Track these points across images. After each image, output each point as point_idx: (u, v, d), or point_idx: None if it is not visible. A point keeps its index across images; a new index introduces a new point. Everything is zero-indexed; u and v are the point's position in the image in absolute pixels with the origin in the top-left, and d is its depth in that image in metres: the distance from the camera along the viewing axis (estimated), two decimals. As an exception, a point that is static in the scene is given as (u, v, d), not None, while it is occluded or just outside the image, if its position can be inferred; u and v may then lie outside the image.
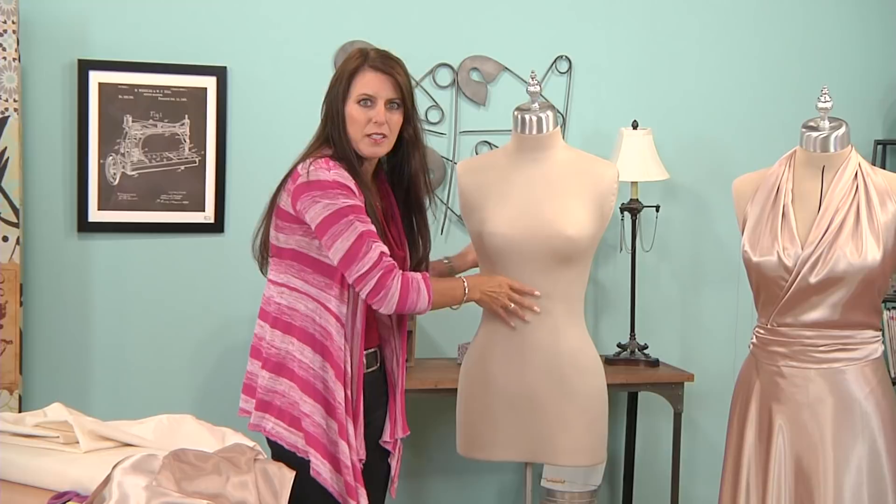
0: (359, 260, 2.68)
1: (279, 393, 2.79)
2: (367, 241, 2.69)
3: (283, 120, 4.19)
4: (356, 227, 2.68)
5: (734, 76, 4.64)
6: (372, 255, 2.69)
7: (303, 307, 2.78)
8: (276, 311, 2.81)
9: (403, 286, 2.73)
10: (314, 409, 2.74)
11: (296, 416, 2.76)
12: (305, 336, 2.77)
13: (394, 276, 2.72)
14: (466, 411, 3.23)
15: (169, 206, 4.09)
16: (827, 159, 3.02)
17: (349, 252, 2.68)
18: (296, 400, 2.76)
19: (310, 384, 2.75)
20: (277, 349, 2.80)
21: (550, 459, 3.21)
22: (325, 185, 2.69)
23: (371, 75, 2.81)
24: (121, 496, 2.08)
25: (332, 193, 2.68)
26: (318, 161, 2.73)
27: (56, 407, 2.56)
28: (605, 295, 4.57)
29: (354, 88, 2.81)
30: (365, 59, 2.83)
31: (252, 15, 4.17)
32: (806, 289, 2.95)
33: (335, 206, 2.67)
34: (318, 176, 2.70)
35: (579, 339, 3.17)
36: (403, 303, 2.75)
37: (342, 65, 2.87)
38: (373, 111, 2.80)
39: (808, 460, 2.96)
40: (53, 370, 4.03)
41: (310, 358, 2.76)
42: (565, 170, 3.16)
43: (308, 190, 2.70)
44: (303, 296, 2.78)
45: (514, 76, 4.39)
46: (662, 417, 4.55)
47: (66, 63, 3.99)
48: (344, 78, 2.82)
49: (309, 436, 2.74)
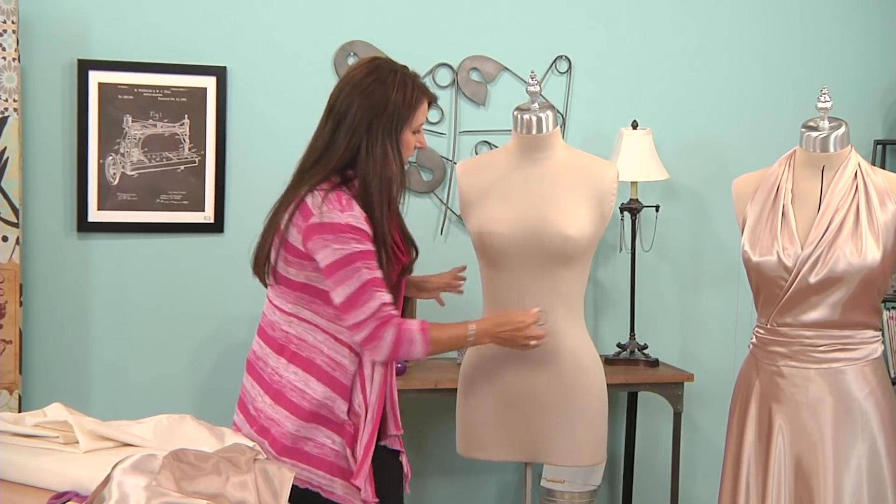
0: (358, 307, 2.69)
1: (275, 421, 2.79)
2: (370, 290, 2.70)
3: (282, 120, 4.19)
4: (362, 275, 2.69)
5: (734, 76, 4.64)
6: (372, 305, 2.70)
7: (311, 338, 2.79)
8: (283, 339, 2.81)
9: (397, 338, 2.73)
10: (316, 430, 2.76)
11: (290, 445, 2.77)
12: (311, 367, 2.78)
13: (388, 328, 2.72)
14: (466, 411, 3.23)
15: (169, 206, 4.09)
16: (827, 159, 3.02)
17: (350, 298, 2.69)
18: (291, 430, 2.76)
19: (311, 413, 2.76)
20: (280, 377, 2.80)
21: (550, 459, 3.21)
22: (337, 228, 2.68)
23: (425, 104, 2.87)
24: (120, 496, 2.08)
25: (343, 238, 2.68)
26: (331, 198, 2.70)
27: (56, 407, 2.55)
28: (604, 295, 4.57)
29: (417, 118, 2.83)
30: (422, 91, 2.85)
31: (252, 15, 4.17)
32: (805, 289, 2.95)
33: (345, 251, 2.68)
34: (331, 218, 2.68)
35: (579, 339, 3.17)
36: (395, 353, 2.75)
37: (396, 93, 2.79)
38: (419, 136, 2.88)
39: (808, 460, 2.96)
40: (53, 370, 4.03)
41: (313, 388, 2.77)
42: (565, 170, 3.16)
43: (321, 232, 2.69)
44: (312, 327, 2.79)
45: (513, 76, 4.39)
46: (662, 417, 4.55)
47: (65, 63, 3.99)
48: (404, 107, 2.79)
49: (313, 458, 2.76)
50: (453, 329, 2.87)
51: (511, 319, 2.93)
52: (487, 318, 2.97)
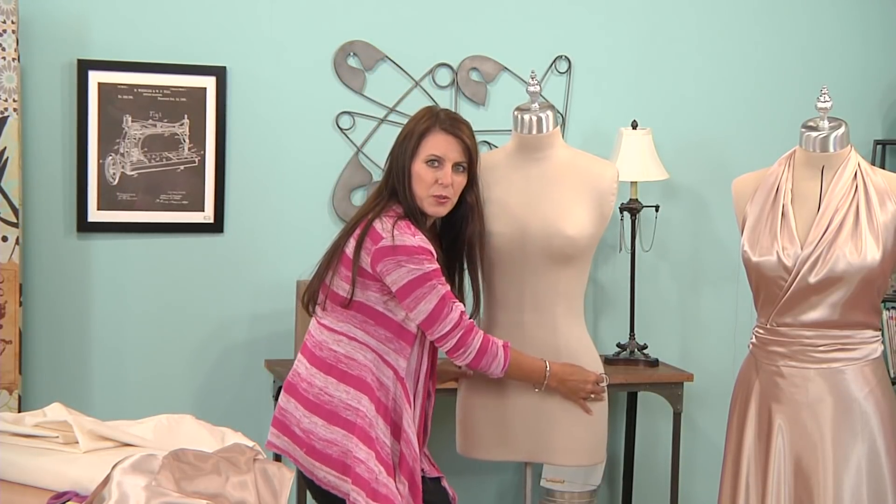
0: (441, 320, 2.79)
1: (331, 442, 2.80)
2: (449, 303, 2.80)
3: (282, 120, 4.19)
4: (438, 291, 2.78)
5: (734, 76, 4.64)
6: (453, 316, 2.81)
7: (361, 357, 2.82)
8: (332, 359, 2.84)
9: (482, 347, 2.86)
10: (368, 455, 2.77)
11: (348, 463, 2.77)
12: (362, 385, 2.80)
13: (474, 336, 2.85)
14: (466, 411, 3.23)
15: (168, 206, 4.09)
16: (826, 159, 3.02)
17: (432, 313, 2.78)
18: (349, 448, 2.78)
19: (364, 432, 2.78)
20: (331, 396, 2.82)
21: (550, 459, 3.21)
22: (412, 250, 2.76)
23: (441, 137, 2.87)
24: (120, 496, 2.08)
25: (417, 259, 2.76)
26: (401, 224, 2.79)
27: (55, 407, 2.56)
28: (604, 295, 4.57)
29: (424, 148, 2.85)
30: (436, 119, 2.88)
31: (252, 15, 4.16)
32: (805, 289, 2.95)
33: (420, 270, 2.76)
34: (403, 241, 2.76)
35: (579, 339, 3.17)
36: (478, 362, 2.88)
37: (412, 123, 2.90)
38: (440, 172, 2.86)
39: (808, 460, 2.96)
40: (53, 370, 4.03)
41: (365, 406, 2.79)
42: (565, 170, 3.15)
43: (394, 254, 2.75)
44: (362, 346, 2.82)
45: (513, 76, 4.39)
46: (662, 417, 4.55)
47: (65, 63, 3.99)
48: (414, 137, 2.86)
49: (361, 480, 2.76)
50: (533, 363, 3.02)
51: (581, 376, 3.08)
52: (562, 365, 3.07)
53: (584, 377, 3.08)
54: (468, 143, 2.89)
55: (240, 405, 4.18)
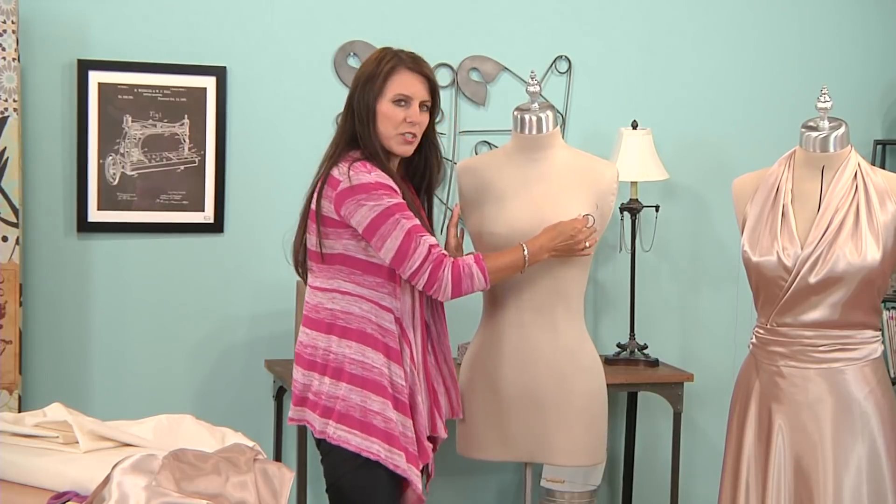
0: (409, 256, 2.76)
1: (339, 398, 2.80)
2: (416, 237, 2.76)
3: (282, 120, 4.19)
4: (403, 225, 2.75)
5: (734, 76, 4.64)
6: (421, 251, 2.77)
7: (357, 309, 2.82)
8: (330, 317, 2.84)
9: (455, 275, 2.81)
10: (384, 405, 2.77)
11: (360, 418, 2.78)
12: (364, 337, 2.80)
13: (444, 267, 2.80)
14: (466, 411, 3.23)
15: (168, 206, 4.09)
16: (826, 159, 3.02)
17: (399, 250, 2.75)
18: (358, 402, 2.78)
19: (376, 383, 2.78)
20: (335, 354, 2.82)
21: (550, 459, 3.21)
22: (369, 187, 2.74)
23: (408, 76, 2.86)
24: (120, 496, 2.08)
25: (376, 195, 2.74)
26: (356, 165, 2.77)
27: (56, 407, 2.56)
28: (604, 295, 4.57)
29: (391, 87, 2.84)
30: (399, 59, 2.87)
31: (252, 15, 4.17)
32: (805, 289, 2.95)
33: (381, 206, 2.73)
34: (360, 179, 2.75)
35: (579, 339, 3.17)
36: (458, 289, 2.84)
37: (373, 64, 2.88)
38: (409, 111, 2.85)
39: (808, 460, 2.96)
40: (53, 370, 4.03)
41: (371, 357, 2.79)
42: (565, 169, 3.16)
43: (352, 194, 2.74)
44: (356, 298, 2.82)
45: (513, 76, 4.39)
46: (662, 417, 4.55)
47: (65, 63, 3.99)
48: (380, 77, 2.85)
49: (380, 431, 2.76)
50: (508, 255, 2.94)
51: (563, 230, 2.99)
52: (539, 236, 2.99)
53: (569, 234, 2.98)
54: (432, 82, 2.90)
55: (240, 405, 4.18)
